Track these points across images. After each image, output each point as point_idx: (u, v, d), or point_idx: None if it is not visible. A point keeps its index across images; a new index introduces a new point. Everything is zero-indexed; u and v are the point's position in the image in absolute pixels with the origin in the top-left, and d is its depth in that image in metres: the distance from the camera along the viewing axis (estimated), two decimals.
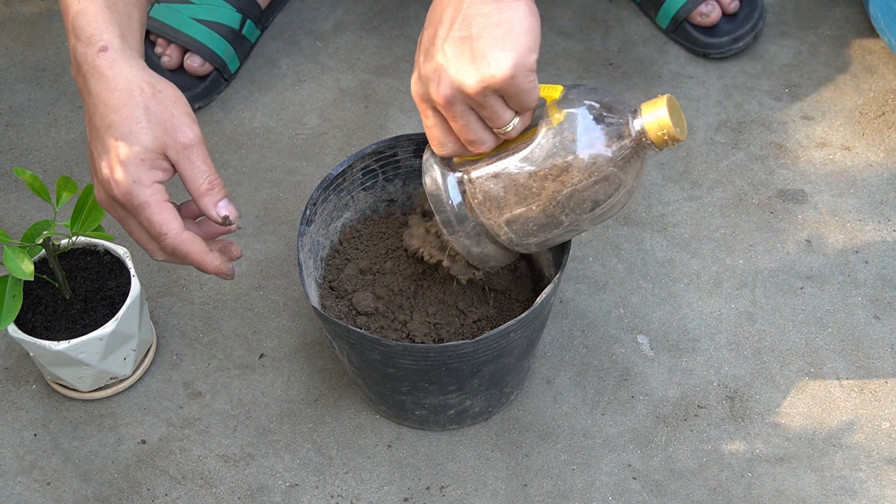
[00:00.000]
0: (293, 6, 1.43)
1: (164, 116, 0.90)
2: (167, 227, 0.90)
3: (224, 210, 0.92)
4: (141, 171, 0.89)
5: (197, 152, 0.91)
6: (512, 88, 0.84)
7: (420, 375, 0.99)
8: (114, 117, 0.89)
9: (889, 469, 1.06)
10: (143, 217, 0.90)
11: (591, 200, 0.89)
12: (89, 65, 0.90)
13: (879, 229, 1.21)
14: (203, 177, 0.91)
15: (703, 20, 1.34)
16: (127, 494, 1.06)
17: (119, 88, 0.89)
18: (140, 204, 0.89)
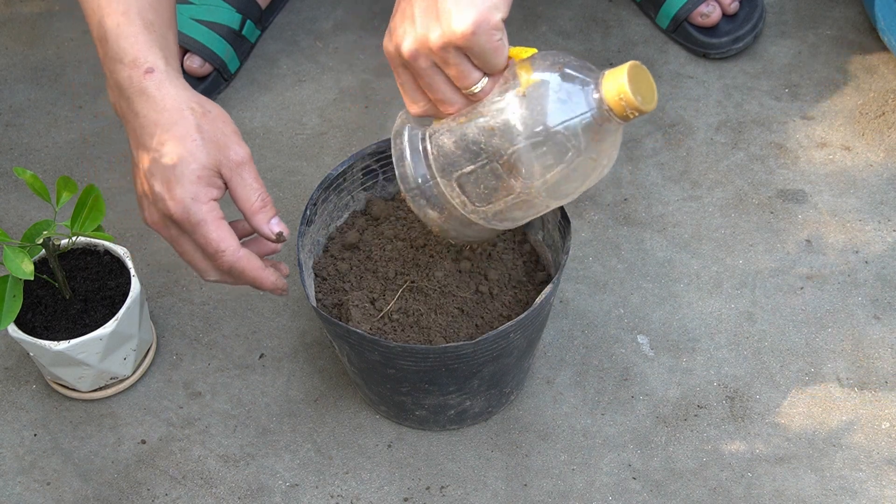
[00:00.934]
0: (293, 6, 1.43)
1: (217, 135, 0.91)
2: (224, 243, 0.90)
3: (277, 227, 0.93)
4: (198, 188, 0.89)
5: (248, 170, 0.92)
6: (475, 46, 0.84)
7: (420, 376, 0.99)
8: (167, 136, 0.89)
9: (889, 469, 1.06)
10: (200, 234, 0.90)
11: (541, 166, 0.86)
12: (135, 87, 0.90)
13: (879, 229, 1.21)
14: (255, 194, 0.92)
15: (703, 20, 1.34)
16: (127, 494, 1.06)
17: (169, 108, 0.90)
18: (198, 221, 0.89)
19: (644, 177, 1.26)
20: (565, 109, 0.85)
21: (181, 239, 0.92)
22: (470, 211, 0.92)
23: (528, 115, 0.86)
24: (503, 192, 0.89)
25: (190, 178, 0.89)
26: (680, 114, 1.31)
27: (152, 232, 1.23)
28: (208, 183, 0.90)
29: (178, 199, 0.89)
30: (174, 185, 0.89)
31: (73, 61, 1.38)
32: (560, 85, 0.86)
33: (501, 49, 0.86)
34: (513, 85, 0.87)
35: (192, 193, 0.89)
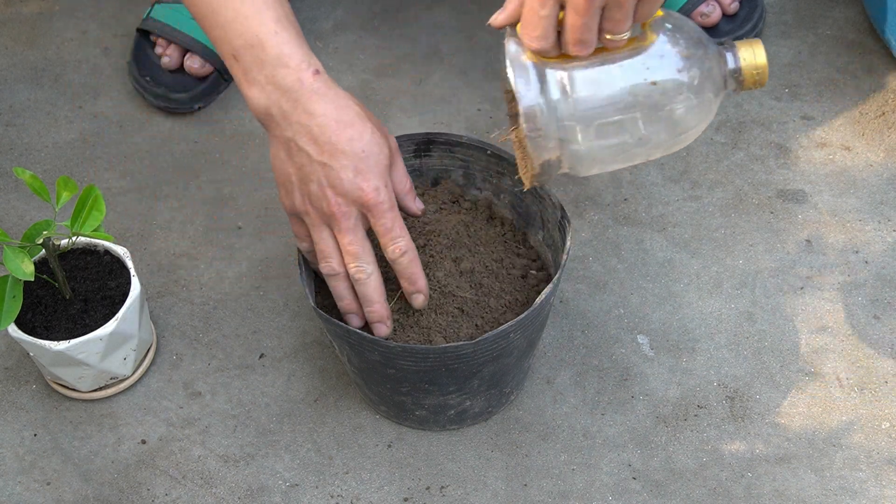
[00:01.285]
0: (293, 6, 1.42)
1: (378, 126, 0.98)
2: (405, 231, 0.98)
3: (420, 204, 1.04)
4: (387, 176, 0.97)
5: (399, 155, 1.01)
6: None
7: (420, 376, 0.99)
8: (352, 132, 0.95)
9: (889, 469, 1.06)
10: (388, 218, 0.96)
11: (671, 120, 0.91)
12: (307, 88, 0.95)
13: (879, 229, 1.21)
14: (406, 177, 1.01)
15: (703, 20, 1.34)
16: (127, 494, 1.06)
17: (345, 106, 0.96)
18: (390, 207, 0.97)
19: (644, 177, 1.26)
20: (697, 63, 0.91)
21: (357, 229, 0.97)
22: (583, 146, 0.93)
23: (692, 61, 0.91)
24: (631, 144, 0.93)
25: (381, 165, 0.96)
26: None
27: (153, 232, 1.23)
28: (387, 171, 0.98)
29: (375, 185, 0.95)
30: (368, 174, 0.95)
31: (73, 61, 1.38)
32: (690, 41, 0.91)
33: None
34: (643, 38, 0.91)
35: (384, 181, 0.97)
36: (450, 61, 1.37)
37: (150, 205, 1.25)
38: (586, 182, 1.26)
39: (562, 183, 1.25)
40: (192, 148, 1.30)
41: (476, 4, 1.43)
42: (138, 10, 1.40)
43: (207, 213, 1.25)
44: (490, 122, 1.31)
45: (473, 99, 1.33)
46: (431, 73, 1.36)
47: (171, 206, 1.25)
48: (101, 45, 1.40)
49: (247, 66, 0.96)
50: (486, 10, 1.41)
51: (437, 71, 1.36)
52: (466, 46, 1.38)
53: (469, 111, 1.32)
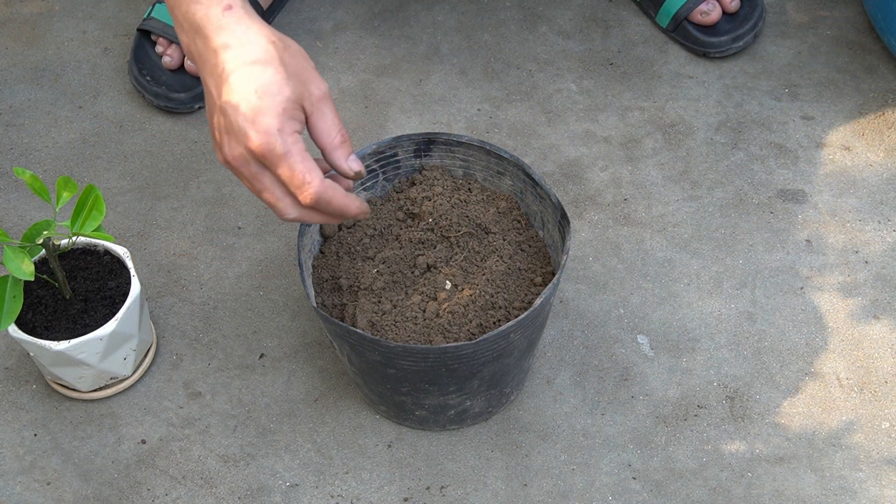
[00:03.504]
0: (293, 6, 1.43)
1: (298, 69, 0.90)
2: (311, 174, 0.89)
3: (356, 164, 0.93)
4: (283, 120, 0.88)
5: (329, 105, 0.91)
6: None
7: (420, 376, 0.99)
8: (251, 70, 0.88)
9: (889, 469, 1.06)
10: (286, 167, 0.88)
11: None
12: (214, 24, 0.89)
13: (879, 229, 1.21)
14: (336, 129, 0.91)
15: (703, 19, 1.34)
16: (127, 494, 1.06)
17: (253, 42, 0.89)
18: (284, 153, 0.88)
19: (644, 177, 1.26)
20: None
21: (261, 175, 0.91)
22: None
23: None
24: None
25: (276, 109, 0.88)
26: (680, 114, 1.31)
27: (153, 232, 1.23)
28: (292, 116, 0.89)
29: (264, 130, 0.87)
30: (259, 118, 0.88)
31: (73, 61, 1.38)
32: None
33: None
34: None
35: (278, 124, 0.88)
36: (450, 61, 1.37)
37: (150, 205, 1.25)
38: (586, 182, 1.26)
39: (562, 183, 1.25)
40: (192, 148, 1.30)
41: (476, 4, 1.43)
42: (138, 10, 1.40)
43: (207, 213, 1.25)
44: (490, 122, 1.31)
45: (473, 99, 1.33)
46: (431, 73, 1.36)
47: (171, 206, 1.25)
48: (101, 45, 1.40)
49: (171, 7, 0.92)
50: (486, 10, 1.42)
51: (437, 71, 1.36)
52: (466, 46, 1.38)
53: (469, 111, 1.32)
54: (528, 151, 1.28)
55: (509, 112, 1.32)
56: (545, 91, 1.34)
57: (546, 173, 1.26)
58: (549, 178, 1.26)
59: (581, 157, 1.28)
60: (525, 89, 1.34)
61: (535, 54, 1.37)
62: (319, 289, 1.05)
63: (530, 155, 1.28)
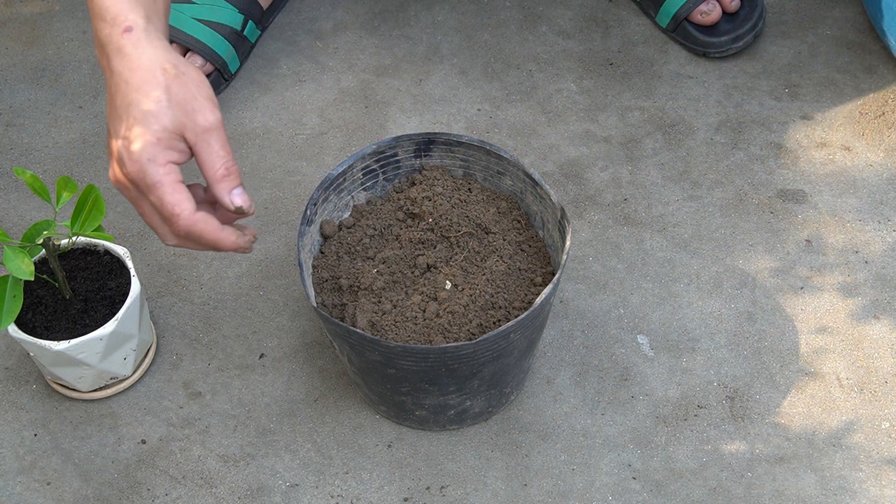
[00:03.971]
0: (293, 6, 1.43)
1: (186, 98, 0.89)
2: (179, 207, 0.88)
3: (238, 199, 0.90)
4: (156, 150, 0.87)
5: (216, 137, 0.89)
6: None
7: (420, 376, 0.99)
8: (134, 96, 0.88)
9: (889, 469, 1.06)
10: (155, 196, 0.88)
11: None
12: (113, 45, 0.89)
13: (879, 229, 1.21)
14: (220, 162, 0.90)
15: (703, 19, 1.34)
16: (127, 494, 1.06)
17: (142, 68, 0.88)
18: (153, 183, 0.87)
19: (644, 177, 1.26)
20: None
21: (140, 201, 0.90)
22: None
23: None
24: None
25: (149, 138, 0.87)
26: (680, 114, 1.31)
27: (152, 232, 1.23)
28: (168, 146, 0.88)
29: (136, 159, 0.87)
30: (133, 146, 0.87)
31: (73, 61, 1.38)
32: None
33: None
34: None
35: (149, 154, 0.87)
36: (450, 61, 1.37)
37: None
38: (586, 182, 1.26)
39: (562, 183, 1.25)
40: None
41: (476, 4, 1.43)
42: None
43: None
44: (490, 122, 1.31)
45: (473, 99, 1.33)
46: (431, 73, 1.36)
47: None
48: None
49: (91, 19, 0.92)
50: (486, 10, 1.42)
51: (437, 71, 1.36)
52: (466, 46, 1.38)
53: (469, 111, 1.32)
54: (528, 151, 1.28)
55: (509, 112, 1.32)
56: (545, 91, 1.34)
57: (546, 173, 1.26)
58: (549, 178, 1.26)
59: (581, 157, 1.28)
60: (525, 89, 1.34)
61: (535, 54, 1.37)
62: (319, 289, 1.05)
63: (530, 155, 1.28)
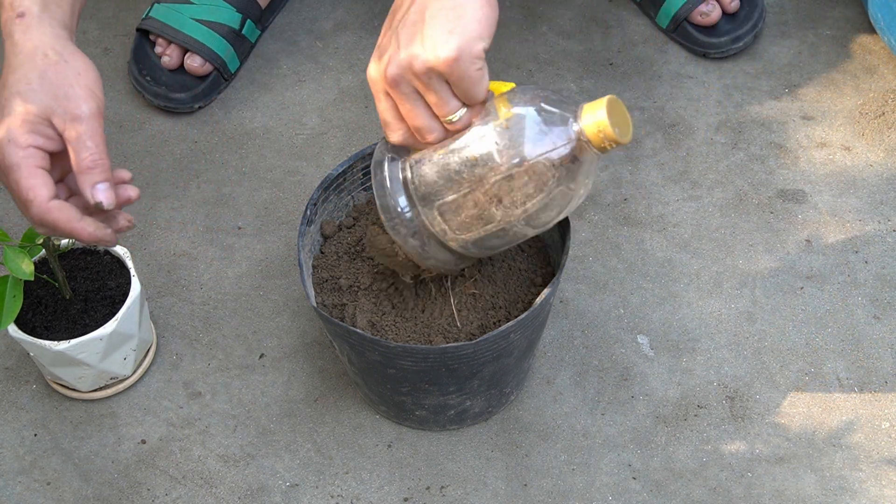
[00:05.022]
0: (293, 6, 1.43)
1: (61, 85, 0.87)
2: (33, 192, 0.86)
3: (101, 195, 0.88)
4: (19, 132, 0.86)
5: (87, 127, 0.88)
6: (456, 73, 0.85)
7: (420, 376, 0.99)
8: (10, 78, 0.87)
9: (889, 469, 1.06)
10: (13, 179, 0.86)
11: (521, 195, 0.88)
12: (6, 30, 0.89)
13: (879, 229, 1.21)
14: (86, 153, 0.87)
15: (703, 19, 1.34)
16: (127, 494, 1.06)
17: (23, 52, 0.87)
18: (10, 165, 0.86)
19: (644, 177, 1.26)
20: (545, 141, 0.87)
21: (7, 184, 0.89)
22: (450, 239, 0.92)
23: (509, 146, 0.87)
24: (483, 222, 0.90)
25: (14, 121, 0.86)
26: (680, 114, 1.31)
27: (153, 232, 1.23)
28: (32, 129, 0.86)
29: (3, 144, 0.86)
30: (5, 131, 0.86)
31: None
32: (539, 117, 0.87)
33: (481, 79, 0.87)
34: (493, 117, 0.88)
35: (10, 136, 0.86)
36: None
37: (150, 205, 1.25)
38: None
39: None
40: (192, 148, 1.30)
41: None
42: (138, 10, 1.40)
43: (207, 213, 1.25)
44: None
45: None
46: None
47: (171, 206, 1.25)
48: (101, 45, 1.40)
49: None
50: None
51: None
52: None
53: None
54: None
55: None
56: None
57: None
58: None
59: None
60: None
61: (535, 54, 1.37)
62: (319, 289, 1.05)
63: None
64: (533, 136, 0.87)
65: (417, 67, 0.85)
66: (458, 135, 0.89)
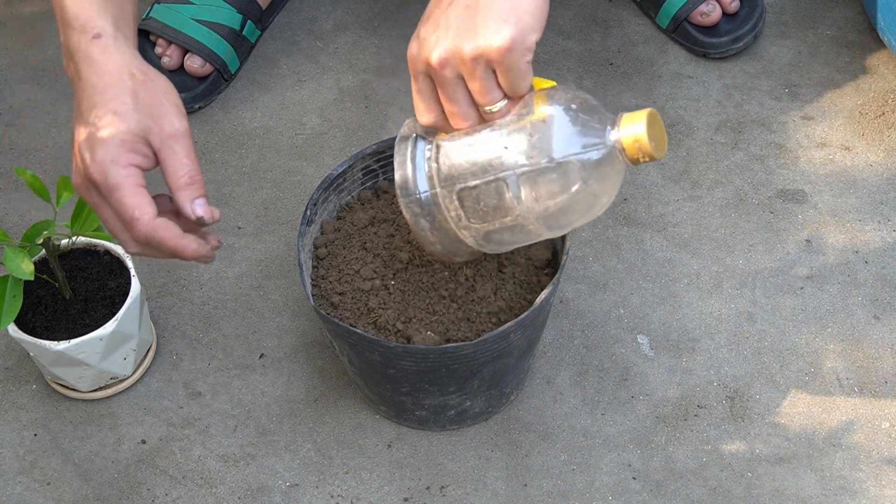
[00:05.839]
0: (293, 6, 1.43)
1: (152, 104, 0.88)
2: (139, 210, 0.87)
3: (200, 210, 0.89)
4: (119, 152, 0.87)
5: (182, 144, 0.89)
6: (506, 63, 0.85)
7: (420, 376, 0.99)
8: (99, 99, 0.87)
9: (889, 469, 1.06)
10: (116, 199, 0.87)
11: (545, 193, 0.88)
12: (82, 52, 0.89)
13: (879, 229, 1.21)
14: (184, 169, 0.88)
15: (703, 20, 1.34)
16: (127, 494, 1.06)
17: (109, 72, 0.88)
18: (114, 185, 0.87)
19: (644, 177, 1.26)
20: (577, 143, 0.87)
21: (102, 206, 0.89)
22: (463, 226, 0.92)
23: (541, 143, 0.87)
24: (501, 213, 0.90)
25: (113, 141, 0.86)
26: (680, 114, 1.31)
27: None
28: (131, 149, 0.87)
29: (98, 160, 0.86)
30: (97, 148, 0.86)
31: None
32: (576, 119, 0.87)
33: (528, 73, 0.87)
34: (530, 112, 0.88)
35: (111, 156, 0.86)
36: None
37: None
38: None
39: None
40: None
41: None
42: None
43: None
44: None
45: None
46: None
47: None
48: None
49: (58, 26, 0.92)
50: None
51: None
52: None
53: None
54: None
55: None
56: None
57: None
58: None
59: None
60: None
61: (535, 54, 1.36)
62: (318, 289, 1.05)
63: None
64: (567, 136, 0.87)
65: (467, 52, 0.85)
66: (491, 123, 0.89)
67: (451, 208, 0.91)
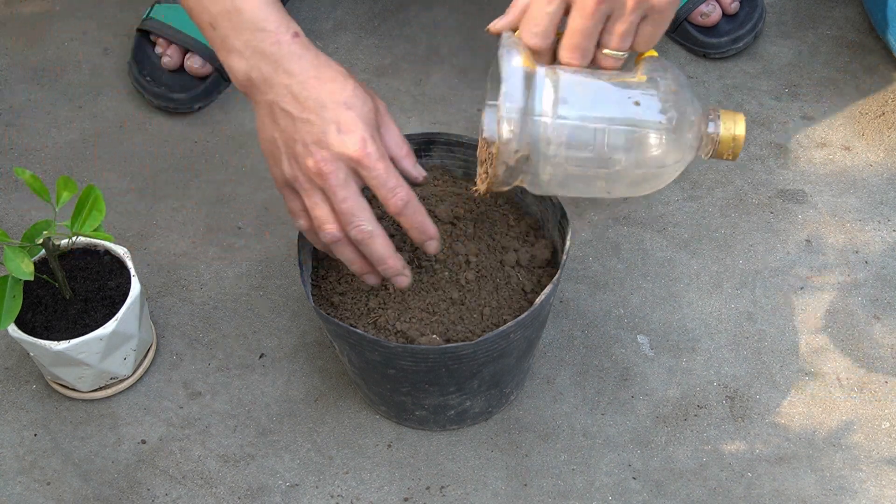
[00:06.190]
0: (293, 6, 1.43)
1: (364, 86, 0.95)
2: (401, 180, 0.94)
3: (422, 171, 0.98)
4: (373, 128, 0.93)
5: (389, 118, 0.97)
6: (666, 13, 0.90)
7: (420, 376, 0.99)
8: (329, 87, 0.93)
9: (889, 469, 1.06)
10: (380, 171, 0.92)
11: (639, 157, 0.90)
12: (285, 50, 0.93)
13: (879, 229, 1.21)
14: (402, 140, 0.97)
15: (703, 20, 1.34)
16: (127, 494, 1.06)
17: (324, 65, 0.94)
18: (380, 157, 0.93)
19: None
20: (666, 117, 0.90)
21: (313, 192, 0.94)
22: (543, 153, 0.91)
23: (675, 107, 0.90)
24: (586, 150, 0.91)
25: (367, 119, 0.93)
26: None
27: (153, 232, 1.23)
28: (374, 125, 0.94)
29: (360, 137, 0.92)
30: (353, 126, 0.92)
31: (73, 61, 1.38)
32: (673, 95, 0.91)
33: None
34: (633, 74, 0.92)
35: (370, 132, 0.93)
36: (450, 61, 1.37)
37: (150, 205, 1.25)
38: None
39: None
40: (192, 148, 1.30)
41: (476, 4, 1.43)
42: (138, 10, 1.40)
43: (207, 213, 1.25)
44: None
45: (473, 99, 1.33)
46: (431, 73, 1.36)
47: (171, 206, 1.25)
48: (101, 45, 1.40)
49: (224, 34, 0.94)
50: (485, 10, 1.42)
51: (436, 71, 1.36)
52: (466, 46, 1.38)
53: (469, 111, 1.32)
54: None
55: None
56: None
57: None
58: None
59: None
60: None
61: None
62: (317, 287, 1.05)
63: None
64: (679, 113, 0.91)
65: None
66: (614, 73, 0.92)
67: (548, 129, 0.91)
